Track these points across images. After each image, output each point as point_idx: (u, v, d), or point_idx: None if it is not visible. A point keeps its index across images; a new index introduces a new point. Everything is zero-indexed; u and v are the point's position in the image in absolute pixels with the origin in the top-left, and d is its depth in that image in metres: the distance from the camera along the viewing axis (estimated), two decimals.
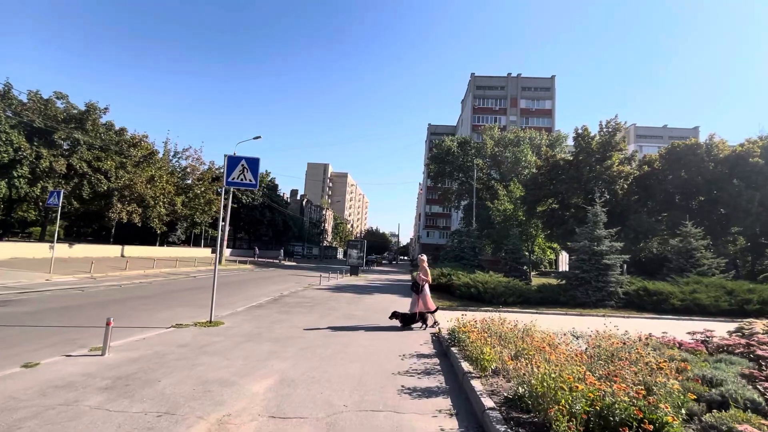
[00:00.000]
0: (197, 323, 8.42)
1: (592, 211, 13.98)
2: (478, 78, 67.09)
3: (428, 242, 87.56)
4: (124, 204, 26.21)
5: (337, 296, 14.83)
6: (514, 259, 20.53)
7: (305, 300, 13.26)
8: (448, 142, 46.15)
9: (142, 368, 5.15)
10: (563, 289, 13.51)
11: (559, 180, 22.83)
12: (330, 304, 12.50)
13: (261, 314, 10.11)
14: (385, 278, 28.33)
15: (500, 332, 6.29)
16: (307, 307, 11.60)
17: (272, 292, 15.31)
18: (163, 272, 21.74)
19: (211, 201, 36.61)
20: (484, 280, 13.38)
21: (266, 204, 53.86)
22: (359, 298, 14.48)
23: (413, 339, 7.86)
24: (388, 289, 19.65)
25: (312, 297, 14.19)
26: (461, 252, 24.03)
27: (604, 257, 13.24)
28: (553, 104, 64.55)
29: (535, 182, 23.55)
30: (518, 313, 11.76)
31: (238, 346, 6.65)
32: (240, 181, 8.76)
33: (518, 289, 13.02)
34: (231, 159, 8.71)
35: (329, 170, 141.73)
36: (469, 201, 45.33)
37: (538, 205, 24.12)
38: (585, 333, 8.08)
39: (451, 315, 11.24)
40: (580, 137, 22.20)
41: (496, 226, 28.09)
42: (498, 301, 12.62)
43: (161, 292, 13.78)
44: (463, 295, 13.65)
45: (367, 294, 16.38)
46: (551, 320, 10.91)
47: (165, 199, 31.20)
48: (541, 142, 43.58)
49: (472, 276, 14.22)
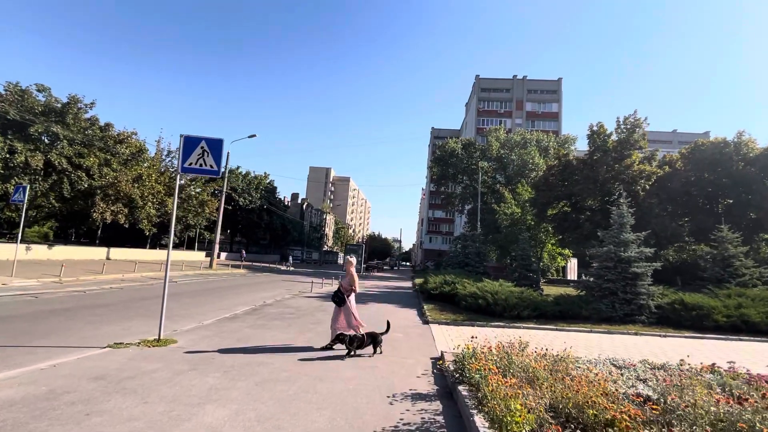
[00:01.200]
0: (143, 342, 6.79)
1: (618, 213, 12.28)
2: (483, 80, 65.70)
3: (431, 248, 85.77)
4: (108, 203, 24.71)
5: (327, 306, 13.14)
6: (524, 266, 18.80)
7: (289, 310, 11.60)
8: (452, 143, 44.59)
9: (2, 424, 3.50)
10: (584, 301, 11.77)
11: (573, 181, 21.13)
12: (316, 316, 10.83)
13: (229, 329, 8.46)
14: (384, 285, 26.60)
15: (525, 365, 4.59)
16: (287, 320, 9.93)
17: (255, 301, 13.66)
18: (144, 276, 20.15)
19: (204, 202, 35.12)
20: (493, 290, 11.66)
21: (264, 207, 52.36)
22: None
23: (408, 367, 6.17)
24: (386, 297, 17.95)
25: (298, 307, 12.53)
26: (466, 258, 22.29)
27: (632, 265, 11.51)
28: (560, 107, 62.99)
29: (546, 183, 21.86)
30: (535, 329, 10.06)
31: (175, 378, 5.00)
32: (199, 168, 7.16)
33: (533, 301, 11.29)
34: (188, 140, 7.12)
35: (331, 174, 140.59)
36: (473, 205, 43.64)
37: (549, 208, 22.40)
38: (627, 360, 6.37)
39: (456, 331, 9.57)
40: (596, 135, 20.53)
41: (503, 231, 26.36)
42: (510, 315, 10.90)
43: (126, 300, 12.17)
44: (469, 306, 11.94)
45: (362, 303, 14.67)
46: (575, 339, 9.19)
47: (154, 199, 29.71)
48: (548, 144, 41.94)
49: (479, 285, 12.50)
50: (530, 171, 38.13)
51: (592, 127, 20.88)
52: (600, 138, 20.35)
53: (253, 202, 50.03)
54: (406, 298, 18.30)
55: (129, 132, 28.07)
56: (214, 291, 16.53)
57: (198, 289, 16.91)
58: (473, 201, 43.44)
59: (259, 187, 52.13)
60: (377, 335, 6.80)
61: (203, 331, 8.18)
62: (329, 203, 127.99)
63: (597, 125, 20.73)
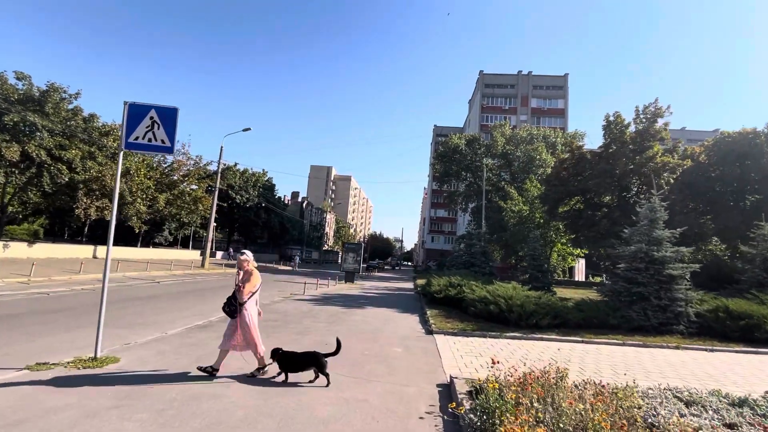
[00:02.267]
0: (75, 360, 5.39)
1: (648, 206, 10.78)
2: (487, 76, 64.14)
3: (433, 247, 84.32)
4: (93, 199, 23.36)
5: (318, 311, 11.73)
6: (535, 267, 17.32)
7: (273, 317, 10.17)
8: (456, 139, 43.08)
9: None
10: (611, 307, 10.28)
11: (587, 175, 19.63)
12: (303, 324, 9.40)
13: (194, 342, 7.04)
14: (384, 286, 25.16)
15: (581, 419, 3.12)
16: (268, 330, 8.50)
17: None
18: (125, 276, 18.78)
19: (197, 199, 33.75)
20: (507, 294, 10.18)
21: (262, 205, 50.98)
22: (345, 314, 11.37)
23: (409, 401, 4.71)
24: (385, 300, 16.51)
25: (285, 312, 11.10)
26: (471, 257, 20.81)
27: (666, 266, 10.02)
28: (566, 103, 61.37)
29: (558, 178, 20.37)
30: (557, 341, 8.59)
31: (81, 423, 3.57)
32: (147, 143, 5.73)
33: (553, 308, 9.81)
34: (134, 109, 5.70)
35: (332, 173, 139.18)
36: (477, 203, 42.16)
37: (561, 204, 20.90)
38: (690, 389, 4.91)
39: (465, 344, 7.92)
40: (612, 125, 19.02)
41: (510, 229, 24.87)
42: (527, 324, 9.43)
43: (90, 304, 10.76)
44: (478, 313, 10.47)
45: (358, 307, 13.26)
46: (608, 355, 7.72)
47: (144, 195, 28.35)
48: (556, 140, 40.39)
49: (490, 288, 11.02)
50: (537, 167, 36.59)
51: (608, 117, 19.37)
52: (617, 129, 18.84)
53: (251, 199, 48.66)
54: (406, 301, 16.86)
55: (117, 124, 26.68)
56: (197, 293, 15.13)
57: (180, 290, 15.52)
58: (477, 199, 41.97)
59: (257, 184, 50.76)
60: (320, 358, 4.97)
61: (161, 344, 6.76)
62: (330, 202, 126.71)
63: (614, 115, 19.21)
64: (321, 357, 5.01)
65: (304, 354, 5.15)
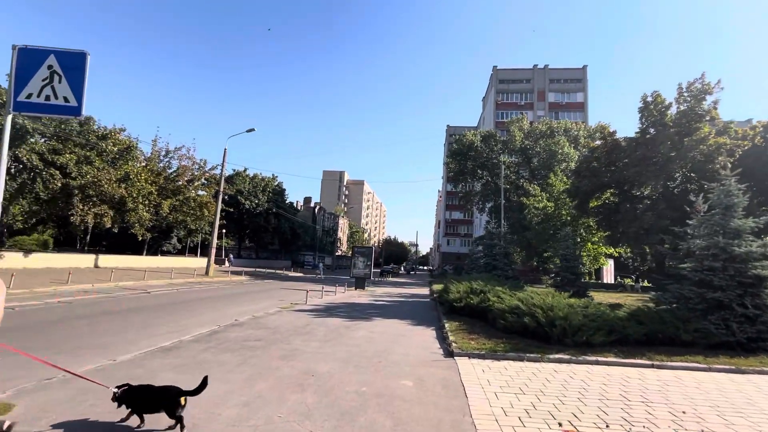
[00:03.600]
0: None
1: (722, 190, 8.63)
2: (501, 71, 61.87)
3: (449, 251, 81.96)
4: (88, 205, 22.32)
5: (315, 325, 9.95)
6: (568, 269, 15.15)
7: (259, 334, 8.44)
8: (470, 136, 40.99)
9: None
10: (679, 318, 8.15)
11: (622, 165, 17.40)
12: (292, 345, 7.62)
13: (137, 375, 5.33)
14: (397, 293, 23.24)
15: None
16: (244, 353, 6.75)
17: (226, 318, 10.60)
18: (117, 286, 17.46)
19: (203, 204, 32.62)
20: (545, 303, 8.17)
21: (272, 210, 49.82)
22: (347, 329, 9.54)
23: None
24: (397, 310, 14.62)
25: (275, 327, 9.36)
26: (493, 259, 18.73)
27: (752, 264, 7.85)
28: (586, 96, 58.55)
29: (589, 169, 18.17)
30: (620, 366, 6.56)
31: None
32: (45, 103, 4.07)
33: (606, 320, 7.76)
34: (25, 55, 4.06)
35: (345, 177, 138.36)
36: (494, 202, 39.90)
37: (592, 198, 18.67)
38: None
39: (499, 373, 5.69)
40: (651, 106, 16.76)
41: (535, 228, 22.65)
42: (575, 341, 7.41)
43: (50, 321, 9.26)
44: (510, 327, 8.48)
45: (365, 319, 11.42)
46: (697, 387, 5.63)
47: (146, 201, 27.29)
48: (578, 133, 37.89)
49: (522, 296, 9.02)
50: (559, 162, 34.14)
51: (645, 98, 17.13)
52: (657, 110, 16.60)
53: (260, 204, 47.55)
54: (422, 310, 14.93)
55: (117, 128, 25.79)
56: (188, 304, 13.58)
57: (170, 301, 14.00)
58: (495, 198, 39.72)
59: (266, 189, 49.67)
60: (173, 397, 3.48)
61: (95, 378, 5.06)
62: (343, 207, 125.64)
63: (652, 95, 16.96)
64: (175, 395, 3.48)
65: (161, 390, 3.60)
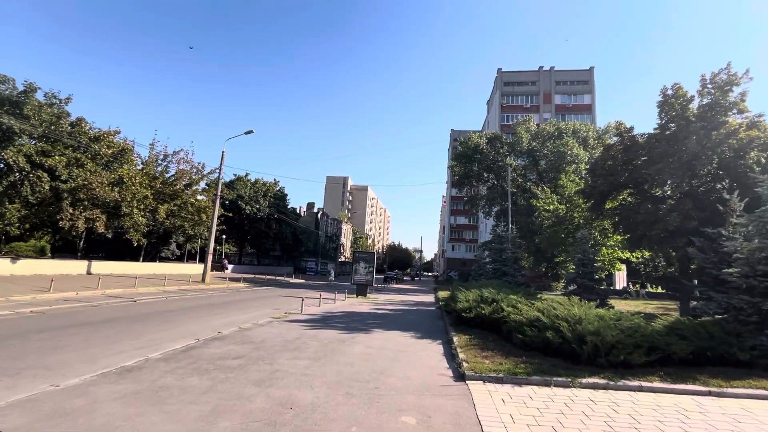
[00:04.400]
0: None
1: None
2: (506, 74, 60.93)
3: (454, 256, 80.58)
4: (79, 209, 21.45)
5: (307, 339, 8.83)
6: (585, 274, 13.94)
7: (241, 350, 7.34)
8: (476, 138, 39.93)
9: None
10: (729, 332, 6.95)
11: (640, 163, 16.22)
12: (275, 365, 6.51)
13: (78, 405, 4.25)
14: (401, 300, 22.07)
15: None
16: (217, 376, 5.65)
17: (211, 329, 9.54)
18: (104, 294, 16.48)
19: (201, 209, 31.75)
20: (571, 314, 7.01)
21: (273, 216, 48.89)
22: (343, 344, 8.42)
23: None
24: (400, 320, 13.45)
25: (260, 342, 8.25)
26: (502, 265, 17.52)
27: None
28: (593, 99, 57.32)
29: (605, 168, 17.00)
30: (669, 394, 5.38)
31: None
32: None
33: (645, 335, 6.57)
34: None
35: (348, 183, 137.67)
36: (500, 206, 38.69)
37: (609, 199, 17.47)
38: None
39: (523, 404, 4.38)
40: (672, 100, 15.62)
41: (547, 231, 21.43)
42: (609, 360, 6.24)
43: (8, 335, 8.23)
44: (529, 343, 7.31)
45: (363, 331, 10.28)
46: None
47: (141, 205, 26.44)
48: (588, 134, 36.72)
49: (542, 306, 7.85)
50: (568, 164, 32.93)
51: (665, 91, 16.00)
52: (678, 103, 15.48)
53: (261, 210, 46.66)
54: (427, 320, 13.76)
55: (111, 130, 25.01)
56: (172, 314, 12.52)
57: (154, 311, 12.96)
58: (501, 201, 38.53)
59: (268, 194, 48.82)
60: None
61: (12, 412, 4.01)
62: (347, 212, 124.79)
63: (672, 88, 15.84)
64: None
65: None
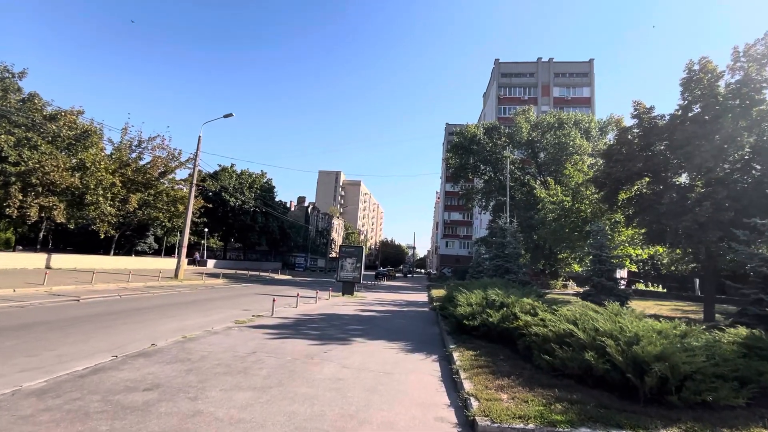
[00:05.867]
0: None
1: None
2: (504, 65, 59.02)
3: (447, 253, 78.86)
4: (31, 195, 19.12)
5: (266, 353, 6.80)
6: (603, 273, 12.12)
7: (162, 375, 5.29)
8: (473, 128, 38.01)
9: None
10: None
11: (663, 147, 14.40)
12: (202, 399, 4.47)
13: None
14: (391, 299, 20.11)
15: None
16: (96, 430, 3.62)
17: (151, 338, 7.50)
18: (49, 292, 14.27)
19: (177, 199, 29.42)
20: (617, 327, 5.06)
21: (260, 209, 46.58)
22: (310, 361, 6.40)
23: None
24: (388, 324, 11.46)
25: (201, 358, 6.20)
26: (505, 260, 15.61)
27: None
28: (592, 91, 55.72)
29: (621, 153, 15.15)
30: None
31: None
32: None
33: (729, 360, 4.66)
34: None
35: (341, 178, 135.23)
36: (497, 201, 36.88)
37: (625, 188, 15.64)
38: None
39: None
40: (701, 75, 13.80)
41: (552, 225, 19.59)
42: (684, 398, 4.30)
43: None
44: (559, 367, 5.36)
45: (340, 341, 8.25)
46: None
47: (108, 193, 24.07)
48: (590, 125, 34.98)
49: (576, 314, 5.91)
50: (570, 156, 31.17)
51: (690, 66, 14.17)
52: (707, 80, 13.69)
53: (246, 202, 44.34)
54: (419, 324, 11.81)
55: (74, 110, 22.57)
56: (112, 318, 10.39)
57: (93, 313, 10.82)
58: (498, 195, 36.71)
59: (254, 185, 46.47)
60: None
61: None
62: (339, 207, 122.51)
63: (700, 62, 14.00)
64: None
65: None
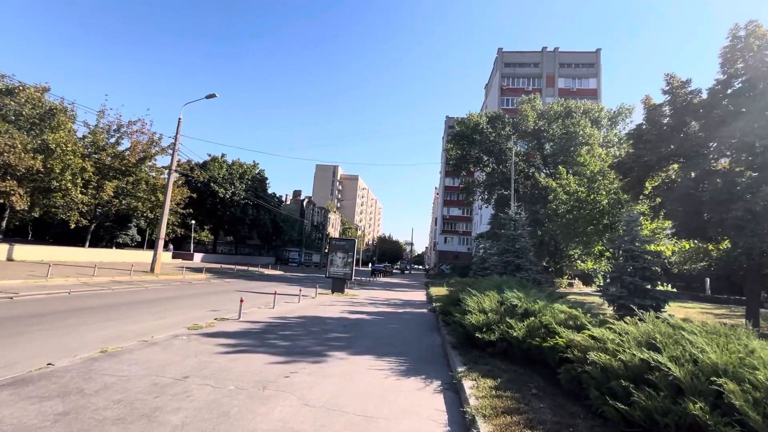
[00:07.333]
0: None
1: None
2: (507, 54, 56.87)
3: (446, 249, 77.06)
4: None
5: (203, 377, 4.80)
6: (637, 272, 10.18)
7: (22, 424, 3.29)
8: (475, 117, 35.98)
9: None
10: None
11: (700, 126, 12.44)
12: None
13: None
14: (386, 298, 18.16)
15: None
16: None
17: (68, 350, 5.45)
18: None
19: (156, 188, 27.33)
20: (735, 359, 3.14)
21: (251, 201, 44.47)
22: (261, 393, 4.41)
23: None
24: (379, 331, 9.48)
25: (94, 393, 4.19)
26: (516, 256, 13.65)
27: None
28: (599, 82, 53.71)
29: (652, 133, 13.18)
30: None
31: None
32: None
33: None
34: None
35: (339, 172, 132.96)
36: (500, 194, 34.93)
37: (653, 175, 13.68)
38: None
39: None
40: (751, 40, 11.84)
41: (566, 217, 17.67)
42: None
43: None
44: (637, 417, 3.36)
45: (312, 357, 6.27)
46: None
47: (77, 179, 21.97)
48: (599, 114, 33.01)
49: (658, 331, 3.95)
50: (578, 146, 29.20)
51: (736, 31, 12.23)
52: (756, 45, 11.76)
53: (237, 193, 42.23)
54: (417, 331, 9.86)
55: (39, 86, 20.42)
56: (38, 320, 8.37)
57: (19, 314, 8.81)
58: (501, 188, 34.77)
59: (245, 176, 44.34)
60: None
61: None
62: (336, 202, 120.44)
63: (747, 27, 12.08)
64: None
65: None
